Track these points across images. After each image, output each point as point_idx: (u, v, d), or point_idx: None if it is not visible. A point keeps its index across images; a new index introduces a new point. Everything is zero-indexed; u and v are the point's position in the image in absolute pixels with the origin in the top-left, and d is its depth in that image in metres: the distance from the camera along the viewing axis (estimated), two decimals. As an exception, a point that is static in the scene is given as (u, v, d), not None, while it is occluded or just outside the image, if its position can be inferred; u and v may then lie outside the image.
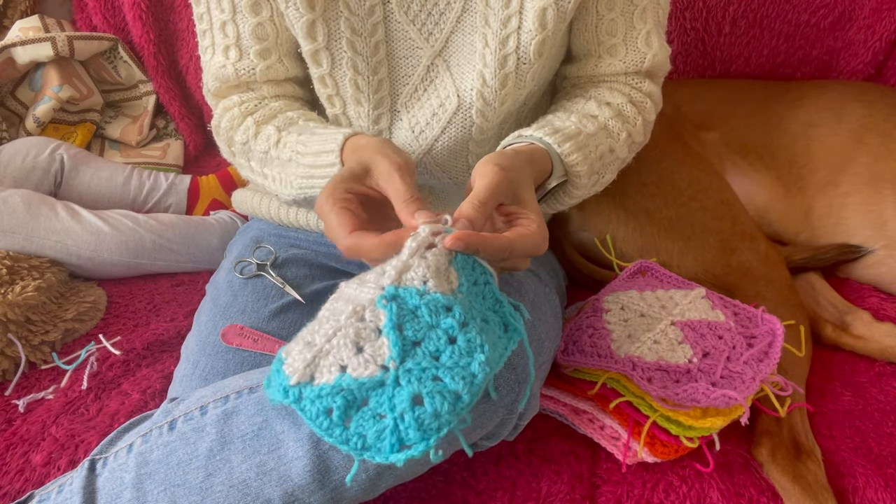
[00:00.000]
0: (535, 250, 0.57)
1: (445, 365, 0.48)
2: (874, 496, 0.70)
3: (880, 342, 0.88)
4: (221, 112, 0.78)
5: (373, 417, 0.48)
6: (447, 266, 0.53)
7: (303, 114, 0.75)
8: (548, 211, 0.77)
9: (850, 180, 1.00)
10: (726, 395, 0.66)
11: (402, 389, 0.48)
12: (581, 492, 0.69)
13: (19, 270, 0.95)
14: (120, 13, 1.37)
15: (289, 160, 0.70)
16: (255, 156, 0.73)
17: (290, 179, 0.70)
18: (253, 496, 0.56)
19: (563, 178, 0.70)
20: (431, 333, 0.50)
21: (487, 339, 0.50)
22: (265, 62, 0.75)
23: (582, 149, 0.69)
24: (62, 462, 0.74)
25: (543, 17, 0.70)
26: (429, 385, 0.47)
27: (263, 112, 0.75)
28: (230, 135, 0.76)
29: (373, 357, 0.49)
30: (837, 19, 1.16)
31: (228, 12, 0.73)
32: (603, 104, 0.76)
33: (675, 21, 1.19)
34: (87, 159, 1.19)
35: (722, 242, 0.91)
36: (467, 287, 0.53)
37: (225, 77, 0.76)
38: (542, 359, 0.67)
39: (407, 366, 0.48)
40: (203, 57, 0.78)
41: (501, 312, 0.54)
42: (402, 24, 0.73)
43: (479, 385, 0.48)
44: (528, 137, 0.69)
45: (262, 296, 0.79)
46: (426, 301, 0.50)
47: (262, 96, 0.77)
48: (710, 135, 1.09)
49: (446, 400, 0.47)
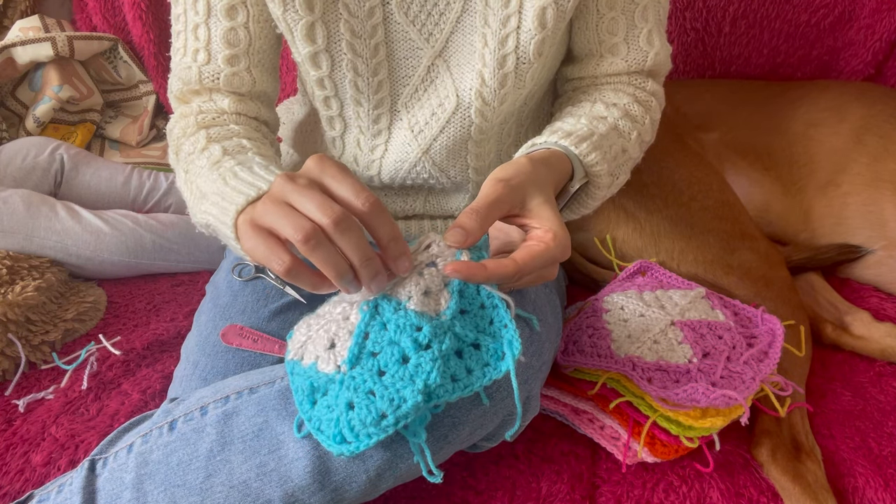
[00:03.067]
0: (552, 261, 0.57)
1: (384, 383, 0.51)
2: (874, 496, 0.70)
3: (880, 342, 0.88)
4: (178, 118, 0.75)
5: (328, 407, 0.53)
6: (441, 288, 0.54)
7: (256, 146, 0.70)
8: (570, 216, 0.76)
9: (850, 181, 1.00)
10: (726, 395, 0.66)
11: (343, 392, 0.52)
12: (581, 492, 0.70)
13: (19, 270, 0.95)
14: (120, 13, 1.37)
15: (213, 181, 0.64)
16: (193, 168, 0.69)
17: (202, 202, 0.65)
18: (253, 497, 0.56)
19: (585, 180, 0.70)
20: (389, 349, 0.52)
21: (453, 368, 0.52)
22: (232, 69, 0.73)
23: (598, 148, 0.69)
24: (62, 462, 0.74)
25: (543, 17, 0.70)
26: (361, 397, 0.51)
27: (220, 130, 0.71)
28: (180, 142, 0.73)
29: (336, 356, 0.53)
30: (837, 19, 1.16)
31: (203, 14, 0.71)
32: (610, 105, 0.75)
33: (675, 21, 1.19)
34: (87, 159, 1.19)
35: (722, 242, 0.91)
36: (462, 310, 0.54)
37: (188, 79, 0.74)
38: (542, 359, 0.67)
39: (353, 373, 0.52)
40: (173, 58, 0.76)
41: (501, 340, 0.54)
42: (401, 25, 0.73)
43: (407, 410, 0.50)
44: (541, 144, 0.69)
45: (262, 296, 0.79)
46: (398, 316, 0.52)
47: (221, 109, 0.74)
48: (710, 135, 1.09)
49: (371, 414, 0.50)
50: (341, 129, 0.80)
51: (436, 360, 0.51)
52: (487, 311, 0.55)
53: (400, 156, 0.78)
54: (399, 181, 0.80)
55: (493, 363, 0.53)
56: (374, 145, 0.79)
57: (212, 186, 0.64)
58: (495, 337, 0.54)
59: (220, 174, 0.64)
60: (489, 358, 0.53)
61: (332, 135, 0.80)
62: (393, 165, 0.78)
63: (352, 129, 0.79)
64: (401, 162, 0.78)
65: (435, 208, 0.85)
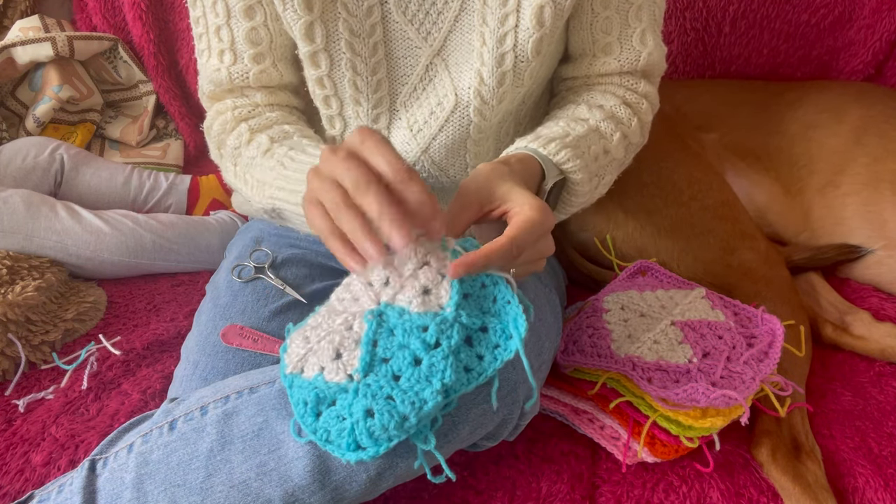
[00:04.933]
0: (540, 230, 0.56)
1: (401, 387, 0.51)
2: (874, 496, 0.70)
3: (880, 342, 0.88)
4: (214, 115, 0.78)
5: (337, 417, 0.53)
6: (440, 281, 0.54)
7: (299, 129, 0.74)
8: (560, 216, 0.76)
9: (849, 181, 1.00)
10: (726, 395, 0.66)
11: (359, 400, 0.52)
12: (581, 492, 0.70)
13: (19, 270, 0.95)
14: (120, 13, 1.37)
15: (271, 169, 0.69)
16: (243, 161, 0.73)
17: (265, 188, 0.70)
18: (253, 496, 0.56)
19: (559, 177, 0.70)
20: (400, 353, 0.52)
21: (464, 359, 0.52)
22: (259, 66, 0.75)
23: (571, 148, 0.69)
24: (62, 462, 0.74)
25: (541, 15, 0.70)
26: (381, 403, 0.51)
27: (259, 121, 0.75)
28: (222, 138, 0.76)
29: (345, 365, 0.53)
30: (837, 19, 1.16)
31: (223, 16, 0.73)
32: (594, 107, 0.76)
33: (675, 21, 1.19)
34: (87, 159, 1.19)
35: (722, 242, 0.91)
36: (464, 298, 0.54)
37: (219, 80, 0.76)
38: (542, 359, 0.67)
39: (367, 381, 0.52)
40: (199, 60, 0.78)
41: (507, 318, 0.54)
42: (400, 24, 0.73)
43: (428, 411, 0.51)
44: (513, 149, 0.70)
45: (262, 296, 0.79)
46: (404, 321, 0.53)
47: (255, 103, 0.77)
48: (710, 135, 1.09)
49: (393, 419, 0.51)
50: (341, 128, 0.80)
51: (447, 358, 0.51)
52: (489, 289, 0.55)
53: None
54: (399, 181, 0.80)
55: (502, 343, 0.53)
56: None
57: (270, 174, 0.68)
58: (500, 316, 0.54)
59: (278, 160, 0.68)
60: (498, 339, 0.53)
61: (331, 133, 0.80)
62: None
63: (351, 128, 0.79)
64: None
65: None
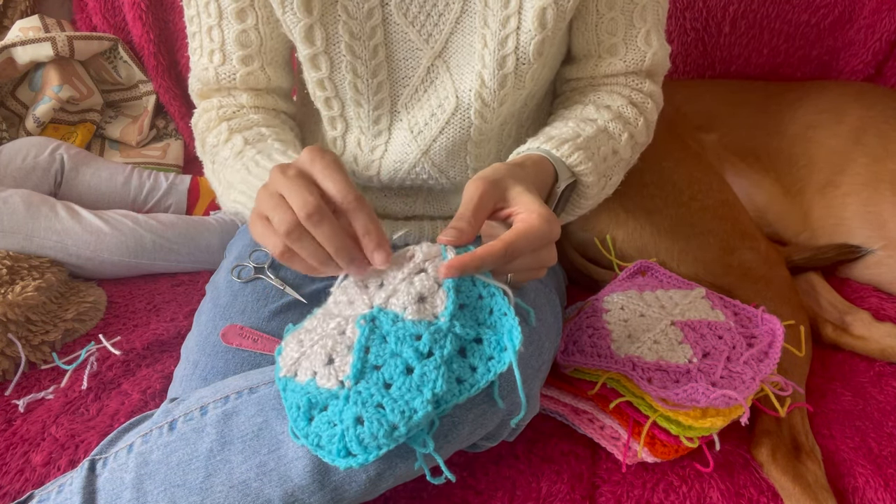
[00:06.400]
0: (542, 240, 0.56)
1: (392, 396, 0.51)
2: (874, 496, 0.70)
3: (880, 342, 0.88)
4: (201, 112, 0.79)
5: (328, 423, 0.52)
6: (436, 290, 0.54)
7: (275, 132, 0.75)
8: (567, 218, 0.77)
9: (849, 181, 1.00)
10: (726, 395, 0.66)
11: (349, 408, 0.51)
12: (581, 492, 0.70)
13: (19, 270, 0.95)
14: (120, 13, 1.37)
15: (237, 172, 0.70)
16: (219, 160, 0.74)
17: (230, 191, 0.71)
18: (253, 496, 0.56)
19: (571, 180, 0.70)
20: (392, 361, 0.52)
21: (457, 370, 0.52)
22: (247, 68, 0.76)
23: (583, 150, 0.69)
24: (62, 462, 0.74)
25: (543, 17, 0.70)
26: (371, 411, 0.51)
27: (240, 121, 0.76)
28: (204, 136, 0.77)
29: (336, 371, 0.53)
30: (837, 19, 1.16)
31: (215, 17, 0.74)
32: (602, 108, 0.76)
33: (675, 21, 1.19)
34: (87, 159, 1.19)
35: (722, 242, 0.91)
36: (459, 308, 0.54)
37: (206, 79, 0.77)
38: (542, 359, 0.67)
39: (358, 388, 0.52)
40: (192, 58, 0.79)
41: (502, 330, 0.54)
42: (401, 26, 0.73)
43: (418, 420, 0.50)
44: (525, 151, 0.70)
45: (262, 296, 0.79)
46: (397, 328, 0.53)
47: (240, 104, 0.78)
48: (710, 136, 1.09)
49: (382, 427, 0.50)
50: (343, 130, 0.80)
51: (439, 368, 0.51)
52: (486, 300, 0.55)
53: (399, 156, 0.78)
54: (398, 182, 0.80)
55: (496, 355, 0.53)
56: (374, 146, 0.79)
57: (237, 176, 0.69)
58: (495, 328, 0.54)
59: (244, 164, 0.69)
60: (492, 350, 0.53)
61: (333, 135, 0.81)
62: (392, 166, 0.79)
63: (353, 129, 0.79)
64: (400, 162, 0.78)
65: (435, 209, 0.85)
